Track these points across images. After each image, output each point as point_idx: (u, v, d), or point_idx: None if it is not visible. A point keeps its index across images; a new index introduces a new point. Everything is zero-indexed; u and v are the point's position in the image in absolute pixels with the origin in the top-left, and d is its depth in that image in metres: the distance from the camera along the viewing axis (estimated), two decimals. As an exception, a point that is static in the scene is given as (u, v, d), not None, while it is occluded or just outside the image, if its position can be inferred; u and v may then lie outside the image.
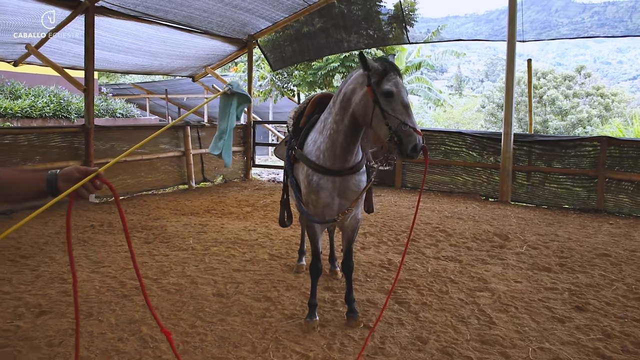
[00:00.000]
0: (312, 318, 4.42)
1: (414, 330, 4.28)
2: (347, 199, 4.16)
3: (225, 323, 4.39)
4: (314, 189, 4.13)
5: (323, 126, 4.16)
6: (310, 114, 4.58)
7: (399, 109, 3.59)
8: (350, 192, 4.14)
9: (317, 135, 4.21)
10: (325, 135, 4.08)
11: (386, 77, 3.65)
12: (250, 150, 13.65)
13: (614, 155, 9.71)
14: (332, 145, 4.02)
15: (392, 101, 3.62)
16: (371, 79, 3.69)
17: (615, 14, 13.34)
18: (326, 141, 4.07)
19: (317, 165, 4.09)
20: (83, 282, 5.33)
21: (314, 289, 4.56)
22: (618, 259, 6.50)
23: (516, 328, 4.35)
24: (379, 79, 3.67)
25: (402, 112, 3.59)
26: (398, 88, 3.63)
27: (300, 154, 4.31)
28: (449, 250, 6.77)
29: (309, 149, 4.24)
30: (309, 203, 4.25)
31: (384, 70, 3.67)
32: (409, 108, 3.63)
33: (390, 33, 13.55)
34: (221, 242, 6.93)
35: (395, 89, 3.62)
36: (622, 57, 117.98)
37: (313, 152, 4.17)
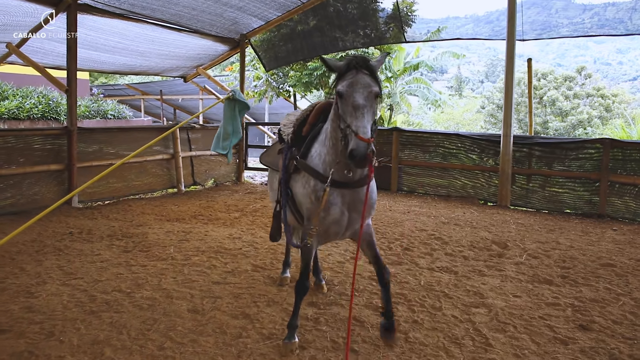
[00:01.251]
0: (290, 340, 4.01)
1: (402, 354, 3.90)
2: (358, 212, 3.84)
3: (197, 344, 4.01)
4: (324, 205, 3.77)
5: (325, 137, 3.89)
6: (314, 123, 4.25)
7: (348, 110, 3.37)
8: (361, 204, 3.80)
9: (321, 148, 3.92)
10: (329, 147, 3.81)
11: (343, 77, 3.47)
12: (243, 153, 13.27)
13: (617, 158, 9.34)
14: (336, 156, 3.73)
15: (343, 102, 3.42)
16: (336, 78, 3.53)
17: (615, 15, 13.09)
18: (330, 152, 3.80)
19: (325, 178, 3.75)
20: (51, 297, 4.97)
21: (297, 309, 4.13)
22: (624, 269, 6.12)
23: (514, 351, 3.96)
24: (337, 78, 3.51)
25: (350, 114, 3.34)
26: (351, 88, 3.38)
27: (305, 165, 3.99)
28: (444, 260, 6.38)
29: (314, 162, 3.94)
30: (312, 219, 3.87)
31: (342, 70, 3.48)
32: (359, 109, 3.32)
33: (387, 32, 13.22)
34: (203, 252, 6.55)
35: (347, 89, 3.39)
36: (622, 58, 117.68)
37: (319, 165, 3.88)
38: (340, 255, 6.47)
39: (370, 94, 3.40)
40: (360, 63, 3.47)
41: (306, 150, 4.10)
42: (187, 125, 12.42)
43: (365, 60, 3.50)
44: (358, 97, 3.35)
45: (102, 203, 9.95)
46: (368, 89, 3.40)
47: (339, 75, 3.51)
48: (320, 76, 17.49)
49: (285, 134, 4.51)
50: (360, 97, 3.35)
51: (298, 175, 4.11)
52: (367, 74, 3.46)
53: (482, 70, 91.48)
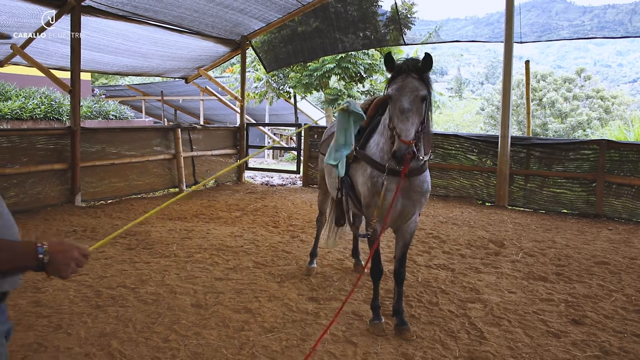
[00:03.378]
0: (375, 320, 4.35)
1: (400, 346, 4.03)
2: (411, 200, 4.13)
3: (201, 337, 4.14)
4: (379, 190, 4.08)
5: (384, 127, 4.16)
6: (373, 115, 4.56)
7: (395, 112, 3.65)
8: (414, 193, 4.11)
9: (380, 138, 4.22)
10: (387, 137, 4.06)
11: (393, 80, 3.72)
12: (243, 153, 13.39)
13: (613, 159, 9.46)
14: (392, 146, 3.91)
15: (392, 104, 3.70)
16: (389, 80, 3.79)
17: (615, 17, 13.18)
18: (388, 142, 4.03)
19: (383, 167, 4.04)
20: (57, 292, 5.08)
21: (376, 291, 4.49)
22: (617, 267, 6.24)
23: (508, 344, 4.09)
24: (389, 80, 3.77)
25: (397, 117, 3.63)
26: (399, 92, 3.64)
27: (364, 155, 4.30)
28: (442, 258, 6.51)
29: (372, 151, 4.24)
30: (372, 205, 4.20)
31: (394, 73, 3.73)
32: (404, 113, 3.59)
33: (387, 35, 13.35)
34: (205, 249, 6.68)
35: (395, 93, 3.65)
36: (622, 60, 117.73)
37: (377, 153, 4.18)
38: (340, 253, 6.60)
39: (416, 97, 3.64)
40: (409, 66, 3.69)
41: (365, 141, 4.41)
42: (188, 125, 12.55)
43: (415, 63, 3.72)
44: (404, 101, 3.62)
45: (104, 202, 10.07)
46: (415, 92, 3.64)
47: (391, 77, 3.76)
48: (320, 77, 17.62)
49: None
50: (406, 101, 3.62)
51: (357, 164, 4.43)
52: (415, 78, 3.68)
53: (482, 72, 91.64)
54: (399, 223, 4.32)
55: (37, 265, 1.72)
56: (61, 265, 1.77)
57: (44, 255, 1.73)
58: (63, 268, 1.78)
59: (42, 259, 1.73)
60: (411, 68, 3.69)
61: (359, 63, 17.39)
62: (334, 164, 4.52)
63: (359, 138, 4.51)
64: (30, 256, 1.72)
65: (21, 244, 1.76)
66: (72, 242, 1.86)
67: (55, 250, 1.76)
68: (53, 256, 1.75)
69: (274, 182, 13.68)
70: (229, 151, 13.12)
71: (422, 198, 4.22)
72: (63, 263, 1.78)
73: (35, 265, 1.72)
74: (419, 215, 4.46)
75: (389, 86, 3.76)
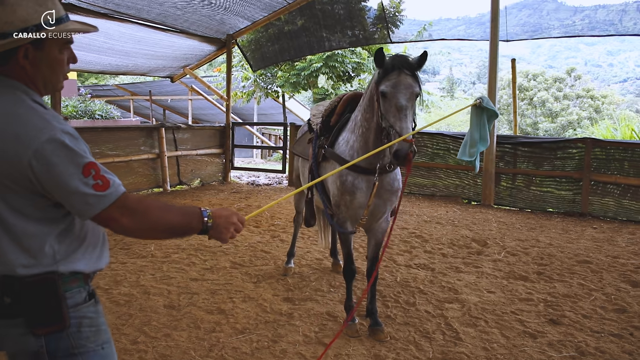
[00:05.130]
0: (352, 321, 4.24)
1: (373, 347, 3.95)
2: (382, 199, 4.05)
3: (170, 338, 4.04)
4: (349, 190, 4.01)
5: (354, 124, 4.09)
6: (341, 113, 4.50)
7: (391, 110, 3.54)
8: (384, 191, 4.04)
9: (350, 135, 4.13)
10: (358, 134, 4.00)
11: (386, 77, 3.59)
12: (229, 153, 13.28)
13: (599, 158, 9.41)
14: (365, 143, 3.94)
15: (386, 102, 3.57)
16: (380, 76, 3.65)
17: (605, 17, 13.18)
18: (359, 139, 4.00)
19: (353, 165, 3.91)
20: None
21: (349, 291, 4.43)
22: (599, 266, 6.19)
23: (484, 344, 4.02)
24: (380, 78, 3.63)
25: (394, 115, 3.52)
26: (395, 89, 3.53)
27: (333, 153, 4.22)
28: (423, 258, 6.44)
29: (341, 149, 4.16)
30: (341, 205, 4.12)
31: (386, 69, 3.60)
32: (402, 111, 3.50)
33: (375, 33, 13.27)
34: (183, 249, 6.57)
35: (390, 90, 3.54)
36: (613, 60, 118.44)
37: (346, 151, 4.09)
38: (320, 253, 6.51)
39: (412, 94, 3.56)
40: (402, 63, 3.59)
41: (334, 139, 4.33)
42: (173, 124, 12.44)
43: (406, 60, 3.62)
44: (402, 98, 3.51)
45: (86, 202, 9.92)
46: (410, 89, 3.55)
47: (383, 74, 3.63)
48: (308, 76, 17.54)
49: (314, 123, 4.79)
50: (403, 98, 3.52)
51: (327, 163, 4.36)
52: (409, 74, 3.58)
53: (474, 72, 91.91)
54: (370, 222, 4.24)
55: (202, 229, 1.84)
56: (222, 229, 1.88)
57: (209, 219, 1.84)
58: (224, 232, 1.89)
59: (207, 222, 1.84)
60: (404, 64, 3.59)
61: (346, 62, 17.31)
62: (470, 160, 4.42)
63: (328, 136, 4.43)
64: (198, 218, 1.83)
65: (188, 207, 1.87)
66: (231, 209, 1.96)
67: (217, 215, 1.88)
68: (216, 220, 1.86)
69: (259, 181, 13.57)
70: (214, 150, 13.00)
71: (393, 196, 4.13)
72: (224, 227, 1.88)
73: (200, 228, 1.84)
74: (390, 214, 4.39)
75: (382, 83, 3.60)
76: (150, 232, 1.78)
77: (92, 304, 1.83)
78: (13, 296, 1.67)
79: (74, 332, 1.75)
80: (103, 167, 1.68)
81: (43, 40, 1.69)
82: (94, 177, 1.62)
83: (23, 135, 1.58)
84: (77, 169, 1.60)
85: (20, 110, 1.62)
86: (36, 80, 1.74)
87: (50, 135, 1.58)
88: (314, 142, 4.59)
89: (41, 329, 1.69)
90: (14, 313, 1.68)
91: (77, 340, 1.76)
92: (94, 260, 1.84)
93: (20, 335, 1.69)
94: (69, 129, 1.66)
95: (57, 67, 1.79)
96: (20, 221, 1.66)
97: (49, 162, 1.57)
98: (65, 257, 1.73)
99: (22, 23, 1.63)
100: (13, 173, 1.59)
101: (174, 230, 1.81)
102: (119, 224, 1.68)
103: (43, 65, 1.73)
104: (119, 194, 1.67)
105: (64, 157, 1.59)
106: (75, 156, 1.61)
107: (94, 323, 1.82)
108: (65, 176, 1.59)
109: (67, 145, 1.60)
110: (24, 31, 1.63)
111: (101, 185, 1.63)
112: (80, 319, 1.77)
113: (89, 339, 1.79)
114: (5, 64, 1.68)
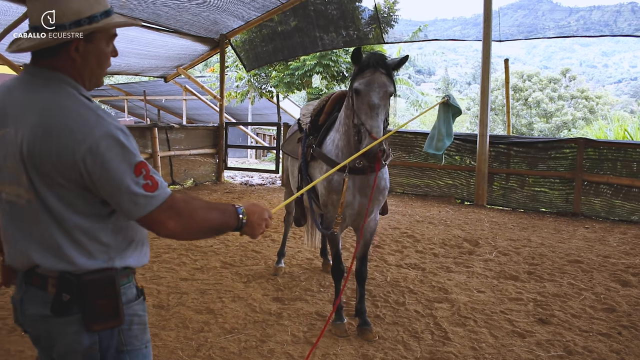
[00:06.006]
0: (338, 321, 4.24)
1: (361, 347, 3.94)
2: (367, 197, 4.02)
3: (158, 338, 4.02)
4: (335, 189, 4.00)
5: (339, 123, 4.07)
6: (330, 112, 4.49)
7: (363, 108, 3.51)
8: (370, 190, 3.99)
9: (335, 134, 4.12)
10: (341, 132, 4.00)
11: (360, 74, 3.57)
12: (222, 153, 13.26)
13: (592, 158, 9.43)
14: (347, 142, 3.94)
15: (359, 99, 3.55)
16: (354, 73, 3.65)
17: (600, 18, 13.23)
18: (342, 138, 4.01)
19: (336, 164, 3.90)
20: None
21: (338, 290, 4.40)
22: (590, 265, 6.19)
23: (472, 344, 4.01)
24: (356, 73, 3.62)
25: (366, 112, 3.49)
26: (368, 87, 3.50)
27: (320, 153, 4.21)
28: (414, 257, 6.43)
29: (328, 148, 4.16)
30: (329, 204, 4.12)
31: (361, 66, 3.57)
32: (374, 109, 3.47)
33: (370, 33, 13.27)
34: (174, 249, 6.55)
35: (364, 88, 3.51)
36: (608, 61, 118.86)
37: (332, 150, 4.09)
38: (310, 253, 6.50)
39: (385, 93, 3.54)
40: (378, 62, 3.56)
41: (322, 139, 4.33)
42: (166, 124, 12.41)
43: (382, 59, 3.60)
44: (374, 96, 3.49)
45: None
46: (384, 88, 3.53)
47: (357, 71, 3.62)
48: (302, 76, 17.53)
49: (303, 123, 4.79)
50: (376, 96, 3.50)
51: (315, 163, 4.35)
52: (383, 73, 3.56)
53: (470, 72, 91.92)
54: (358, 222, 4.23)
55: (237, 226, 1.84)
56: (255, 225, 1.89)
57: (243, 216, 1.84)
58: (257, 228, 1.90)
59: (242, 219, 1.84)
60: (379, 63, 3.56)
61: (340, 62, 17.31)
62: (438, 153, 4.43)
63: (316, 136, 4.43)
64: (234, 216, 1.83)
65: (224, 205, 1.86)
66: (262, 204, 1.96)
67: (251, 212, 1.88)
68: (250, 217, 1.87)
69: (253, 181, 13.55)
70: (208, 150, 12.97)
71: (380, 195, 4.13)
72: (257, 223, 1.89)
73: (236, 225, 1.83)
74: (379, 213, 4.39)
75: (356, 80, 3.60)
76: (195, 233, 1.78)
77: (141, 301, 1.84)
78: (72, 293, 1.65)
79: (125, 329, 1.75)
80: (152, 167, 1.66)
81: (93, 33, 1.69)
82: (145, 177, 1.61)
83: (77, 130, 1.56)
84: (129, 167, 1.59)
85: (72, 105, 1.61)
86: (83, 73, 1.74)
87: (105, 131, 1.57)
88: (303, 141, 4.59)
89: (98, 325, 1.68)
90: (71, 310, 1.66)
91: (127, 337, 1.76)
92: (142, 255, 1.86)
93: (73, 334, 1.68)
94: (121, 126, 1.64)
95: (104, 61, 1.80)
96: (75, 217, 1.64)
97: (104, 158, 1.55)
98: (119, 253, 1.74)
99: (75, 15, 1.64)
100: (64, 168, 1.57)
101: (215, 230, 1.80)
102: (166, 227, 1.66)
103: (92, 59, 1.74)
104: (166, 196, 1.65)
105: (119, 153, 1.57)
106: (128, 154, 1.59)
107: (142, 321, 1.83)
108: (118, 173, 1.57)
109: (121, 142, 1.59)
110: (77, 24, 1.64)
111: (151, 186, 1.62)
112: (132, 316, 1.77)
113: (137, 337, 1.80)
114: (56, 55, 1.67)
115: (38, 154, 1.57)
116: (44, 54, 1.68)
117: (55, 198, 1.62)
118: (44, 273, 1.68)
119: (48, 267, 1.66)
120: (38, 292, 1.69)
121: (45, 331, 1.71)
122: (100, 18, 1.68)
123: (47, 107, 1.60)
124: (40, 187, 1.62)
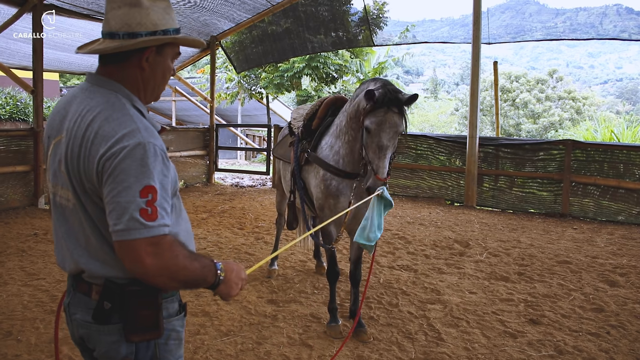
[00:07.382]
0: (333, 323, 4.29)
1: (356, 348, 4.00)
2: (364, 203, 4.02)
3: (155, 342, 4.05)
4: (333, 193, 4.09)
5: (339, 131, 4.12)
6: (323, 117, 4.53)
7: (372, 147, 3.61)
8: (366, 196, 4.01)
9: (334, 140, 4.17)
10: (344, 141, 4.07)
11: (373, 112, 3.59)
12: (213, 154, 13.28)
13: (579, 159, 9.56)
14: (351, 151, 4.01)
15: (369, 137, 3.62)
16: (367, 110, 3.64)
17: (587, 19, 13.40)
18: (345, 147, 4.06)
19: (337, 170, 4.06)
20: (11, 297, 4.95)
21: (333, 293, 4.43)
22: (579, 266, 6.30)
23: (465, 344, 4.09)
24: (368, 110, 3.62)
25: (374, 151, 3.59)
26: (380, 127, 3.56)
27: (316, 157, 4.26)
28: (406, 259, 6.50)
29: (325, 153, 4.20)
30: (325, 208, 4.19)
31: (375, 104, 3.57)
32: (382, 150, 3.57)
33: (359, 35, 13.34)
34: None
35: (375, 128, 3.57)
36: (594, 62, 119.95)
37: (330, 156, 4.14)
38: (303, 255, 6.55)
39: (395, 133, 3.62)
40: (391, 100, 3.57)
41: (316, 143, 4.37)
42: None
43: (396, 97, 3.59)
44: (384, 138, 3.58)
45: (69, 205, 9.86)
46: (394, 128, 3.60)
47: (370, 109, 3.61)
48: (292, 78, 17.57)
49: (295, 127, 4.81)
50: (386, 138, 3.58)
51: (310, 167, 4.39)
52: (396, 113, 3.59)
53: (458, 73, 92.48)
54: (352, 225, 4.29)
55: (214, 282, 1.69)
56: (232, 284, 1.75)
57: (221, 272, 1.71)
58: (234, 287, 1.76)
59: (219, 275, 1.70)
60: (393, 102, 3.57)
61: (329, 63, 17.37)
62: (369, 245, 4.27)
63: (310, 140, 4.48)
64: (212, 271, 1.69)
65: (203, 257, 1.71)
66: (238, 263, 1.85)
67: (229, 269, 1.75)
68: (227, 274, 1.73)
69: (244, 183, 13.59)
70: (198, 152, 12.99)
71: None
72: (234, 282, 1.76)
73: (212, 282, 1.69)
74: None
75: (368, 117, 3.61)
76: (169, 280, 1.58)
77: (181, 317, 1.81)
78: (114, 302, 1.66)
79: (162, 343, 1.74)
80: (163, 200, 1.58)
81: (164, 46, 1.76)
82: (148, 202, 1.53)
83: (110, 136, 1.56)
84: (138, 184, 1.52)
85: (115, 113, 1.62)
86: (147, 84, 1.78)
87: (136, 141, 1.55)
88: (295, 145, 4.64)
89: (137, 336, 1.67)
90: (112, 319, 1.67)
91: (162, 352, 1.75)
92: None
93: (112, 343, 1.69)
94: (159, 144, 1.61)
95: (168, 75, 1.84)
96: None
97: (120, 165, 1.52)
98: None
99: (152, 26, 1.71)
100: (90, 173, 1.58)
101: (190, 282, 1.65)
102: (142, 263, 1.53)
103: (159, 70, 1.79)
104: (159, 232, 1.54)
105: (136, 167, 1.53)
106: (145, 173, 1.54)
107: (179, 336, 1.80)
108: (124, 184, 1.52)
109: (146, 159, 1.54)
110: (152, 34, 1.70)
111: (149, 215, 1.53)
112: (170, 331, 1.75)
113: (171, 352, 1.78)
114: (124, 61, 1.72)
115: (76, 158, 1.61)
116: (113, 59, 1.73)
117: (92, 204, 1.64)
118: (89, 280, 1.70)
119: (93, 272, 1.68)
120: (83, 298, 1.72)
121: (87, 335, 1.73)
122: (172, 33, 1.75)
123: (92, 113, 1.63)
124: (80, 192, 1.64)
